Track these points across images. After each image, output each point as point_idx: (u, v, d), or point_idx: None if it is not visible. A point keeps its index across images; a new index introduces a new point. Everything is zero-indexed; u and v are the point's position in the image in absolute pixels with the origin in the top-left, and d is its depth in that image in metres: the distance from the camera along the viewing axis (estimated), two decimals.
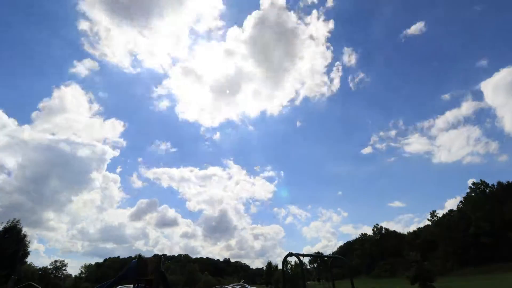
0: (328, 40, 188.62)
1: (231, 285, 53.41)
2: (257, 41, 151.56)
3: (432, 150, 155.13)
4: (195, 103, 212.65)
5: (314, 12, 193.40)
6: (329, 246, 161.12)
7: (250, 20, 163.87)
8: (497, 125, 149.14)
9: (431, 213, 73.17)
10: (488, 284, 33.66)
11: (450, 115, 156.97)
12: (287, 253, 12.55)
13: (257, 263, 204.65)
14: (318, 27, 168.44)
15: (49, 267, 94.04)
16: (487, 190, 58.48)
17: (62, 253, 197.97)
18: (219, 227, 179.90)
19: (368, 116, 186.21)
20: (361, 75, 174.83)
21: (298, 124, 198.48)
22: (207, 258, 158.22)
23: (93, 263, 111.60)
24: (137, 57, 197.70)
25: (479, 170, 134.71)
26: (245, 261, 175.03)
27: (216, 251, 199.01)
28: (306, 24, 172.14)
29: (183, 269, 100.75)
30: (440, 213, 74.82)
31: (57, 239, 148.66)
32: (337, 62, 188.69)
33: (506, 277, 38.75)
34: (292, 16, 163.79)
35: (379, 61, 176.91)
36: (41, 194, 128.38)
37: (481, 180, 60.50)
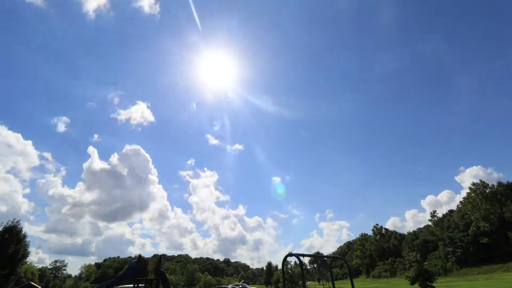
0: None
1: (231, 285, 53.53)
2: None
3: None
4: None
5: None
6: None
7: None
8: None
9: (431, 213, 73.08)
10: (488, 284, 33.65)
11: None
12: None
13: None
14: None
15: (49, 267, 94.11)
16: (487, 190, 58.37)
17: None
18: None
19: None
20: None
21: None
22: (207, 258, 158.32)
23: (92, 263, 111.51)
24: None
25: None
26: None
27: None
28: None
29: (183, 269, 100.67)
30: (441, 212, 74.77)
31: None
32: None
33: (506, 277, 38.77)
34: None
35: None
36: None
37: (480, 180, 60.51)
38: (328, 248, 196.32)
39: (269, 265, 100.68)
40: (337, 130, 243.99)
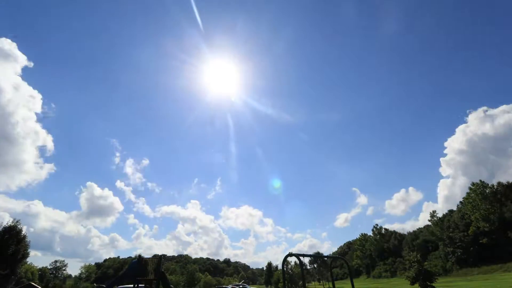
0: None
1: (231, 285, 53.56)
2: None
3: None
4: None
5: None
6: None
7: None
8: None
9: (431, 213, 73.02)
10: (488, 284, 33.62)
11: None
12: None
13: None
14: None
15: (49, 267, 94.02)
16: (487, 190, 58.34)
17: None
18: None
19: None
20: None
21: None
22: (207, 259, 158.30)
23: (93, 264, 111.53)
24: None
25: None
26: None
27: None
28: None
29: (183, 269, 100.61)
30: (439, 214, 74.74)
31: None
32: None
33: (506, 277, 38.74)
34: None
35: None
36: None
37: (480, 180, 60.45)
38: (327, 248, 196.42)
39: (269, 265, 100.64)
40: (336, 133, 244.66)
